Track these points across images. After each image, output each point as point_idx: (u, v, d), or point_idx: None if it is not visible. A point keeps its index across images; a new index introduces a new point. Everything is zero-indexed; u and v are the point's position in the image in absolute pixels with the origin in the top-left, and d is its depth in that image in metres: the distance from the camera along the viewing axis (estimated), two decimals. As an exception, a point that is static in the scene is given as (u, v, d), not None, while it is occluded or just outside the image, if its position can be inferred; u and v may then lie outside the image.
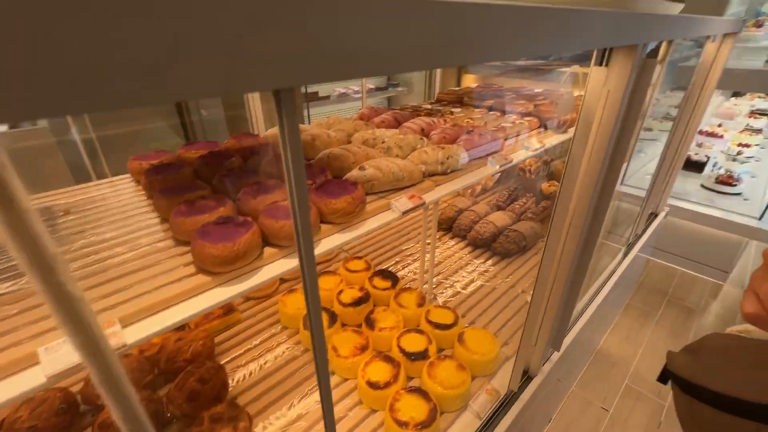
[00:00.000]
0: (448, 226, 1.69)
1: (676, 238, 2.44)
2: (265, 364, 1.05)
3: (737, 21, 1.33)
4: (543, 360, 1.02)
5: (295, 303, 1.16)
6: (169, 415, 0.88)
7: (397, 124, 1.40)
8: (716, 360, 0.52)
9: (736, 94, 3.92)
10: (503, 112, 1.49)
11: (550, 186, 1.93)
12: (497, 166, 1.15)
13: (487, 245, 1.54)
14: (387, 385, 0.89)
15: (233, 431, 0.79)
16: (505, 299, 1.30)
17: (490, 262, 1.50)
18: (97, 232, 0.76)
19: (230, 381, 0.98)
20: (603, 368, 2.09)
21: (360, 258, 1.39)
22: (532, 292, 0.91)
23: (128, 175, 1.01)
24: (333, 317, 1.12)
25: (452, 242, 1.64)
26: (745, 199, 2.23)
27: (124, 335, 0.53)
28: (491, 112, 1.48)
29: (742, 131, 2.96)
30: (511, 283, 1.39)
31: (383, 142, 1.14)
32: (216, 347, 1.08)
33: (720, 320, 2.26)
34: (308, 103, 3.25)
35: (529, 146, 1.23)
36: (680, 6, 0.87)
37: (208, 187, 0.85)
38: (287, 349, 1.09)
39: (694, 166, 2.55)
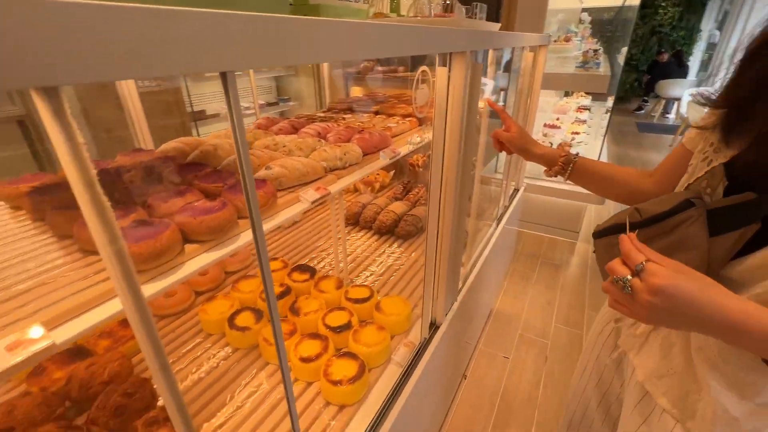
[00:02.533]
0: (355, 220, 1.86)
1: (538, 211, 3.02)
2: (194, 371, 1.05)
3: (544, 36, 1.79)
4: (445, 311, 1.24)
5: (217, 309, 1.18)
6: (93, 438, 0.84)
7: (294, 130, 1.51)
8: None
9: (567, 94, 4.94)
10: (388, 116, 1.71)
11: (437, 177, 2.24)
12: (388, 159, 1.34)
13: (391, 231, 1.75)
14: (318, 356, 1.00)
15: (172, 431, 0.80)
16: (411, 272, 1.51)
17: (395, 245, 1.70)
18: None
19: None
20: (500, 325, 2.47)
21: (276, 258, 1.46)
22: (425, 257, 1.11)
23: None
24: (259, 314, 1.17)
25: (360, 234, 1.80)
26: (578, 173, 2.89)
27: (52, 336, 0.55)
28: (378, 116, 1.69)
29: (573, 122, 3.78)
30: (416, 258, 1.60)
31: (284, 146, 1.25)
32: (135, 367, 1.04)
33: (578, 270, 2.84)
34: (196, 122, 3.14)
35: (411, 141, 1.46)
36: (497, 25, 1.18)
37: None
38: (215, 353, 1.11)
39: (543, 152, 3.20)
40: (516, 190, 2.45)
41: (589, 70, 2.94)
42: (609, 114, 3.08)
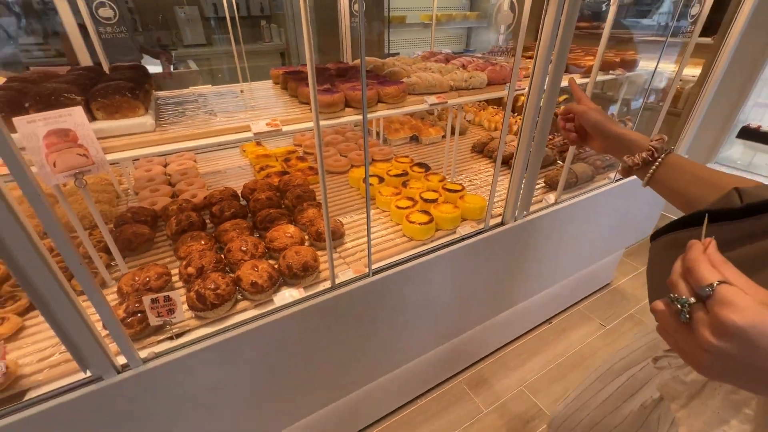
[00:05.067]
0: (480, 149, 2.18)
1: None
2: (334, 199, 1.72)
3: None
4: (514, 216, 1.52)
5: (359, 173, 1.80)
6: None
7: (446, 61, 1.92)
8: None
9: None
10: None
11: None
12: (507, 90, 1.62)
13: (506, 163, 2.01)
14: (407, 208, 1.49)
15: (318, 212, 1.46)
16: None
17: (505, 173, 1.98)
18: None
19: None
20: (614, 298, 2.46)
21: (406, 156, 1.98)
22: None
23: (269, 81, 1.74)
24: (381, 180, 1.74)
25: (481, 160, 2.13)
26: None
27: (283, 128, 1.19)
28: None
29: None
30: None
31: (429, 68, 1.69)
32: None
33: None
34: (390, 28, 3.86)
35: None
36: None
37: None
38: (353, 196, 1.75)
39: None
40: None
41: None
42: None
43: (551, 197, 1.73)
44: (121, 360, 0.92)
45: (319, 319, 1.18)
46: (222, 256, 1.24)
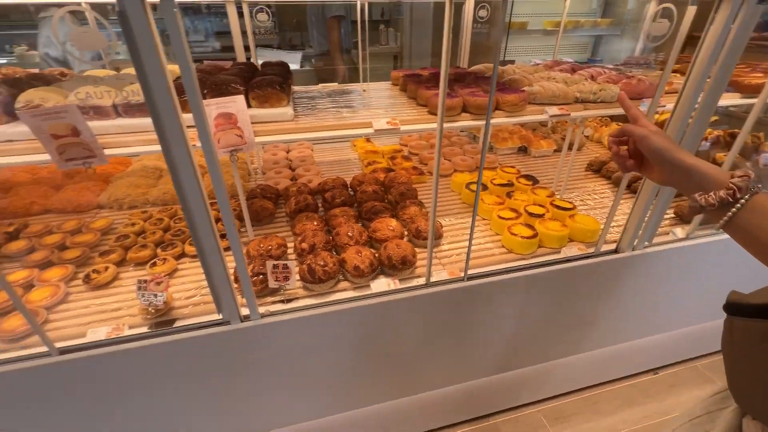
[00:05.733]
0: (597, 168, 2.01)
1: None
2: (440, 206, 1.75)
3: None
4: (631, 245, 1.37)
5: (462, 178, 1.80)
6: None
7: (572, 72, 1.80)
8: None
9: None
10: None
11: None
12: (646, 107, 1.47)
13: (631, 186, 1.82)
14: (510, 219, 1.45)
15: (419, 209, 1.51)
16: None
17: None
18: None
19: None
20: None
21: (512, 167, 1.92)
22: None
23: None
24: (485, 188, 1.72)
25: (597, 179, 1.96)
26: None
27: (402, 127, 1.25)
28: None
29: None
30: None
31: (554, 78, 1.61)
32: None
33: None
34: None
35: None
36: None
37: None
38: (444, 190, 1.77)
39: None
40: None
41: None
42: None
43: (680, 231, 1.52)
44: (244, 311, 1.08)
45: (408, 312, 1.23)
46: (330, 237, 1.36)
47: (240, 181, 1.34)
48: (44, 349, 0.97)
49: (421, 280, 1.24)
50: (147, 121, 0.82)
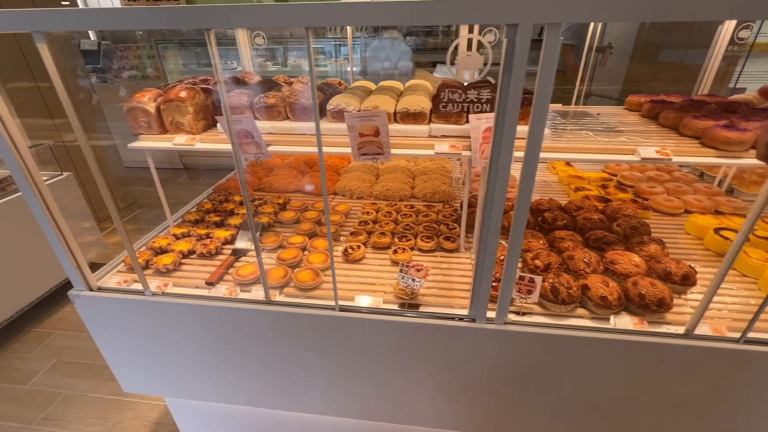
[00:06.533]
0: None
1: None
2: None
3: None
4: None
5: (706, 221, 1.56)
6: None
7: None
8: None
9: None
10: None
11: None
12: None
13: None
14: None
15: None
16: None
17: None
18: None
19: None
20: None
21: None
22: None
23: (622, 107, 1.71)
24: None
25: None
26: None
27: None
28: None
29: None
30: None
31: None
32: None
33: None
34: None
35: None
36: None
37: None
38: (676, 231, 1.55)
39: None
40: None
41: None
42: None
43: None
44: (491, 314, 1.14)
45: (657, 359, 1.11)
46: (561, 259, 1.34)
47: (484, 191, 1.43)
48: (331, 303, 1.20)
49: (679, 329, 1.11)
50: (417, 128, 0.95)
